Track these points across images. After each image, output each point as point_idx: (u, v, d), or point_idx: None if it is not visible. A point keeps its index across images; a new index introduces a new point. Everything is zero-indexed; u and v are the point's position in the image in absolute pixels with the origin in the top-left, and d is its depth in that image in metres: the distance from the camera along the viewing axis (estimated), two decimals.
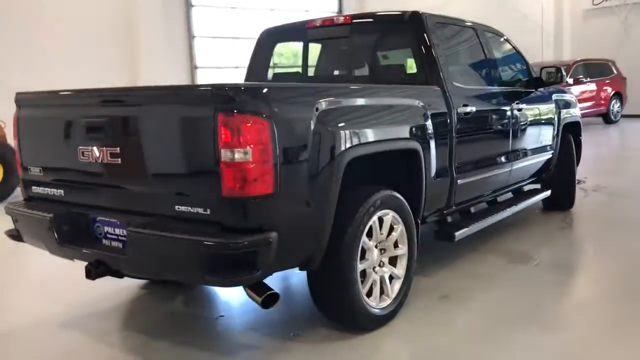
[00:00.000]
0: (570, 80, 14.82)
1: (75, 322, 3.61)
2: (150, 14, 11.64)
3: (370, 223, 3.20)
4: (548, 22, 19.41)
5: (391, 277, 3.46)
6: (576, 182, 6.07)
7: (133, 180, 2.94)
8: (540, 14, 19.19)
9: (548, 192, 5.59)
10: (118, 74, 11.21)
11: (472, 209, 4.67)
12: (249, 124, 2.55)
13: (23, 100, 3.45)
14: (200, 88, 2.62)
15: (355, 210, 3.12)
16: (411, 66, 4.14)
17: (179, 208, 2.73)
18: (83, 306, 3.84)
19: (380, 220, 3.34)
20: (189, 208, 2.70)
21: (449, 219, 4.34)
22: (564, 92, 6.10)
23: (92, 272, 3.00)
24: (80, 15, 11.03)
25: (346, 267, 3.06)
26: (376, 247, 3.34)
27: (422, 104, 3.66)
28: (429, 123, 3.66)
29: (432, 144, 3.70)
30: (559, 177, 5.82)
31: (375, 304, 3.31)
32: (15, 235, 3.46)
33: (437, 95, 3.87)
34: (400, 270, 3.50)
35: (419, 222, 3.70)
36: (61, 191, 3.27)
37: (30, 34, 10.55)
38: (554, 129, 5.57)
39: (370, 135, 3.16)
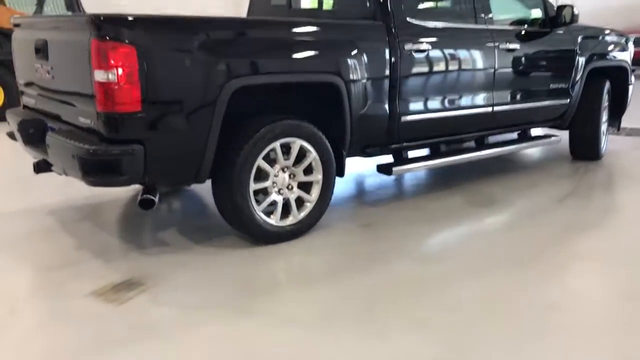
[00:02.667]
0: None
1: (58, 211, 4.40)
2: None
3: (268, 148, 3.52)
4: None
5: (302, 201, 3.78)
6: (604, 132, 5.67)
7: (59, 94, 3.53)
8: None
9: (552, 139, 5.37)
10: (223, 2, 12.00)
11: (444, 147, 4.73)
12: (117, 49, 2.97)
13: (16, 23, 4.17)
14: (82, 17, 3.07)
15: (250, 135, 3.45)
16: (366, 2, 4.21)
17: (80, 119, 3.29)
18: (73, 200, 4.62)
19: (288, 147, 3.63)
20: (84, 120, 3.24)
21: (406, 154, 4.46)
22: (605, 33, 5.63)
23: (36, 167, 3.71)
24: None
25: (237, 185, 3.44)
26: (284, 171, 3.66)
27: (351, 39, 3.79)
28: (357, 59, 3.79)
29: (363, 79, 3.84)
30: (580, 126, 5.52)
31: (275, 221, 3.65)
32: (11, 135, 4.27)
33: (378, 32, 3.95)
34: (313, 195, 3.79)
35: (344, 153, 3.91)
36: (33, 101, 3.98)
37: None
38: (573, 73, 5.25)
39: (263, 66, 3.42)
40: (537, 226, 4.01)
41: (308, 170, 3.77)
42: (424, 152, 5.07)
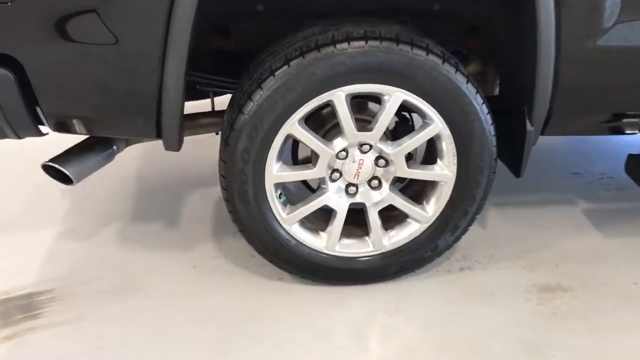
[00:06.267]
0: None
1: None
2: None
3: (313, 103, 1.58)
4: None
5: (400, 214, 1.79)
6: None
7: None
8: None
9: None
10: None
11: None
12: None
13: None
14: None
15: (269, 70, 1.56)
16: None
17: None
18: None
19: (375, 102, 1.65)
20: None
21: None
22: None
23: None
24: None
25: (235, 166, 1.65)
26: (362, 150, 1.69)
27: None
28: None
29: None
30: None
31: (325, 246, 1.79)
32: None
33: None
34: (428, 206, 1.76)
35: (528, 127, 1.69)
36: None
37: None
38: None
39: None
40: None
41: (428, 157, 1.75)
42: None
